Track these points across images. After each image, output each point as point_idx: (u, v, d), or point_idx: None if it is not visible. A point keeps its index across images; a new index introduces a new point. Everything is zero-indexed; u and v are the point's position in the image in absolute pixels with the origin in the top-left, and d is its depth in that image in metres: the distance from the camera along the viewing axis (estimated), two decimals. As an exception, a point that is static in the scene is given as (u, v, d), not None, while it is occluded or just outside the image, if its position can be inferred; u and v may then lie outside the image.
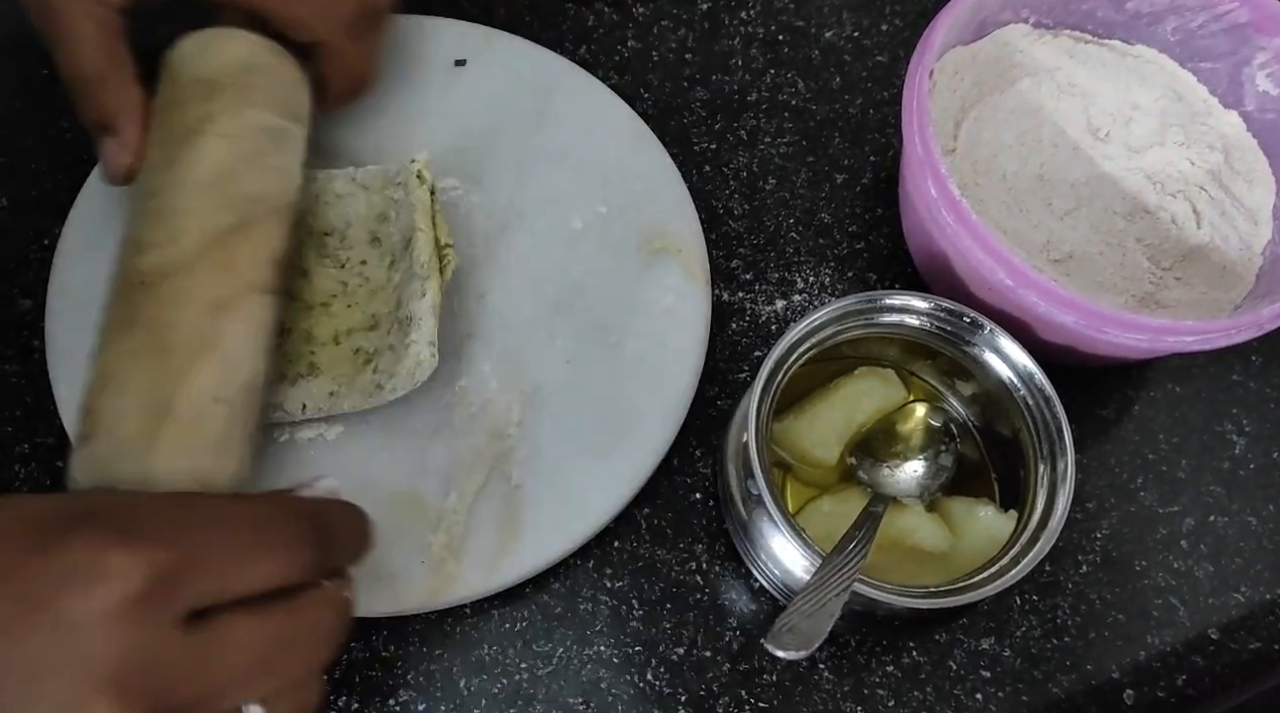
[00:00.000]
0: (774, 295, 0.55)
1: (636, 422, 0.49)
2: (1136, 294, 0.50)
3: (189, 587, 0.30)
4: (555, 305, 0.52)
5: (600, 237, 0.53)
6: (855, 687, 0.47)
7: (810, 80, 0.60)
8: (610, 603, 0.48)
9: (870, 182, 0.58)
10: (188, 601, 0.30)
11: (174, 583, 0.29)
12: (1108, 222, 0.52)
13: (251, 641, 0.31)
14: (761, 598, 0.49)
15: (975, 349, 0.46)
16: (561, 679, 0.47)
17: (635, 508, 0.50)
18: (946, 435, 0.48)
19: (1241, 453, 0.53)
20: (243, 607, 0.31)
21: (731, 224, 0.56)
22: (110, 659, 0.28)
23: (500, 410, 0.49)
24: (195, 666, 0.30)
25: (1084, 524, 0.51)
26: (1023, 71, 0.54)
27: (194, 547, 0.30)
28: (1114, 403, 0.54)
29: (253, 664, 0.31)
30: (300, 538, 0.33)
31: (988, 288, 0.46)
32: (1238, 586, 0.51)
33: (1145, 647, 0.49)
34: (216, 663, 0.30)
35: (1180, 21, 0.54)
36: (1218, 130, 0.54)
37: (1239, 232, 0.52)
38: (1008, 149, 0.53)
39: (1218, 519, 0.52)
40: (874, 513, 0.44)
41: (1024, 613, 0.49)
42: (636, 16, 0.61)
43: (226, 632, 0.30)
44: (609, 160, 0.55)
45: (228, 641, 0.30)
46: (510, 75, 0.56)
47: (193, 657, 0.30)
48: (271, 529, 0.33)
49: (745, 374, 0.53)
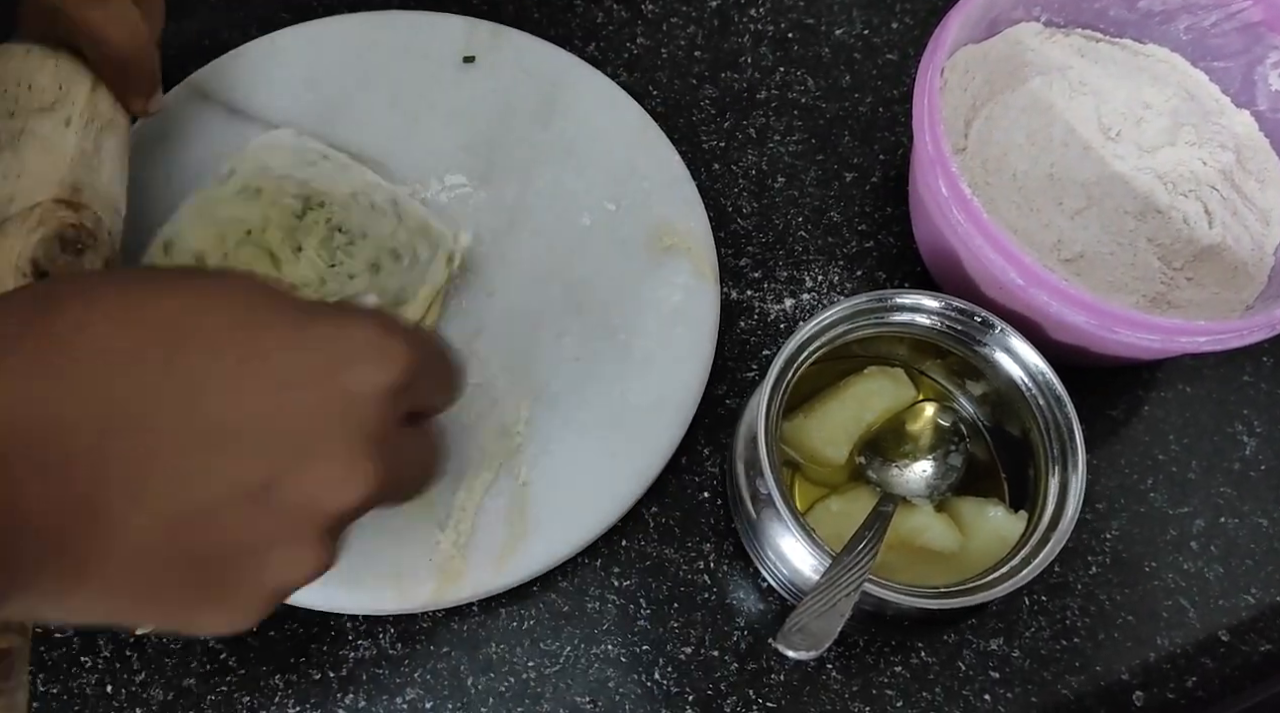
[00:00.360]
0: (783, 294, 0.55)
1: (645, 420, 0.49)
2: (1148, 294, 0.50)
3: (419, 392, 0.34)
4: (563, 303, 0.51)
5: (609, 234, 0.53)
6: (864, 687, 0.47)
7: (820, 78, 0.60)
8: (618, 602, 0.48)
9: (880, 180, 0.58)
10: (413, 401, 0.34)
11: (412, 381, 0.33)
12: (1119, 221, 0.51)
13: (424, 450, 0.36)
14: (769, 597, 0.48)
15: (986, 349, 0.46)
16: (569, 678, 0.47)
17: (643, 507, 0.49)
18: (956, 435, 0.48)
19: (1252, 454, 0.53)
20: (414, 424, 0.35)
21: (740, 222, 0.56)
22: (377, 428, 0.31)
23: (508, 408, 0.49)
24: (408, 454, 0.34)
25: (1094, 525, 0.51)
26: (1034, 70, 0.54)
27: (427, 360, 0.34)
28: (1124, 403, 0.54)
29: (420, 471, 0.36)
30: (461, 378, 0.38)
31: (998, 287, 0.46)
32: (1248, 587, 0.50)
33: (1155, 648, 0.49)
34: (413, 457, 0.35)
35: (1192, 20, 0.53)
36: (1230, 130, 0.54)
37: (1251, 232, 0.52)
38: (1019, 148, 0.52)
39: (1228, 520, 0.52)
40: (884, 513, 0.44)
41: (1033, 614, 0.49)
42: (646, 13, 0.61)
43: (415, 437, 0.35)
44: (617, 158, 0.54)
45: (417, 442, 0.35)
46: (519, 72, 0.56)
47: (406, 446, 0.34)
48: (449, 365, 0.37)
49: (754, 373, 0.53)
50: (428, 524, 0.47)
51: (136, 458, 0.28)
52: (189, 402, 0.29)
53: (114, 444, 0.28)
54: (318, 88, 0.55)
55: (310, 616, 0.47)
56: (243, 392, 0.30)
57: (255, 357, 0.31)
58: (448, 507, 0.47)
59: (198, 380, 0.30)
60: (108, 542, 0.28)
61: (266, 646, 0.46)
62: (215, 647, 0.46)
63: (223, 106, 0.54)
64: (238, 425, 0.30)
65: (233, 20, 0.59)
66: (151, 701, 0.45)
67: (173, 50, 0.57)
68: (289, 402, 0.30)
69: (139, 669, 0.46)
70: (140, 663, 0.46)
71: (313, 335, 0.31)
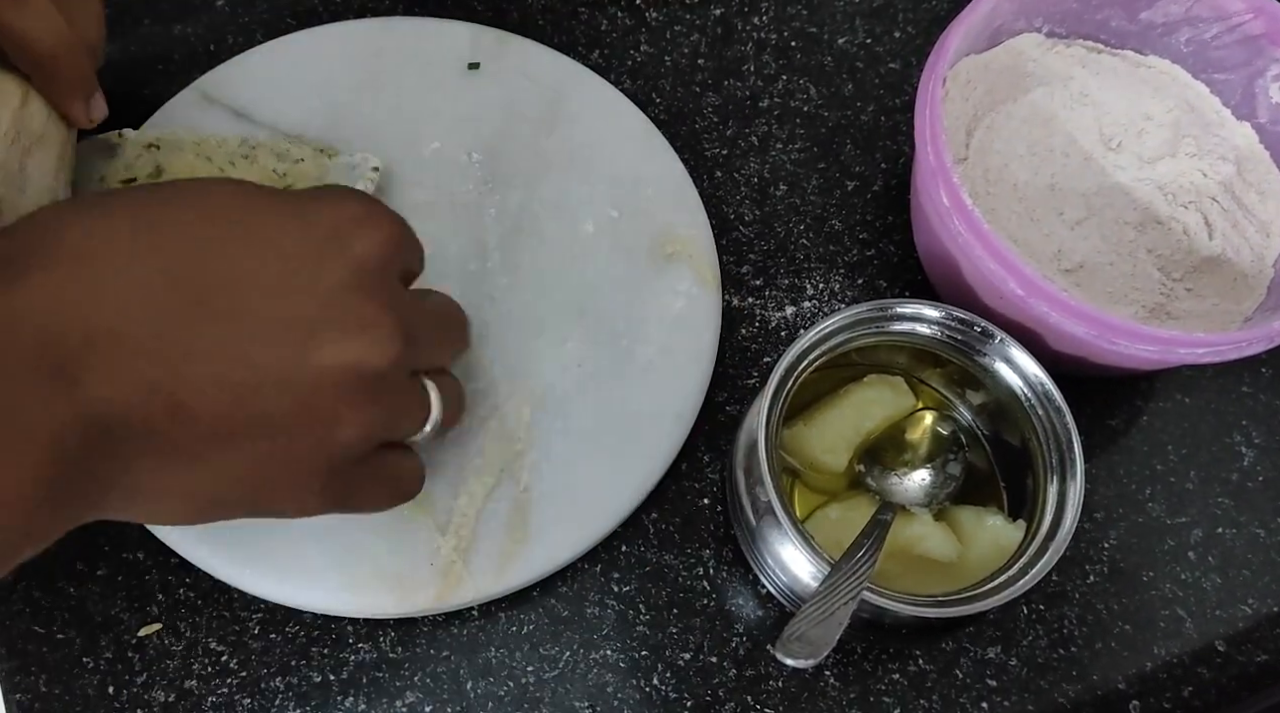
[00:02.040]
0: (784, 301, 0.55)
1: (646, 426, 0.49)
2: (1147, 305, 0.50)
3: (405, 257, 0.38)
4: (566, 309, 0.52)
5: (611, 241, 0.53)
6: (861, 694, 0.47)
7: (822, 87, 0.61)
8: (617, 607, 0.48)
9: (881, 189, 0.58)
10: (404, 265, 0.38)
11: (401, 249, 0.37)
12: (1119, 232, 0.52)
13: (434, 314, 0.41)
14: (768, 604, 0.49)
15: (986, 358, 0.46)
16: (568, 683, 0.47)
17: (643, 513, 0.50)
18: (955, 444, 0.49)
19: (1250, 465, 0.53)
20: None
21: (742, 230, 0.56)
22: (387, 288, 0.35)
23: (510, 414, 0.49)
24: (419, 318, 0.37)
25: (1092, 534, 0.51)
26: (1035, 81, 0.54)
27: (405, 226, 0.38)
28: (1123, 413, 0.54)
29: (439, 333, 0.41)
30: (464, 327, 0.44)
31: (998, 297, 0.46)
32: (1245, 598, 0.50)
33: (1151, 658, 0.49)
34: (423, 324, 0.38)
35: (1194, 33, 0.54)
36: (1230, 142, 0.54)
37: (1251, 243, 0.52)
38: (1019, 158, 0.53)
39: (1226, 531, 0.52)
40: (882, 521, 0.44)
41: (1031, 622, 0.49)
42: (649, 21, 0.61)
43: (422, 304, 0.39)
44: (621, 165, 0.55)
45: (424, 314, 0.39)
46: (523, 79, 0.56)
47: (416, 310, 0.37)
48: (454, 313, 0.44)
49: (754, 380, 0.53)
50: (429, 529, 0.47)
51: (190, 347, 0.31)
52: (219, 292, 0.32)
53: (167, 336, 0.31)
54: (323, 93, 0.55)
55: (311, 619, 0.47)
56: (266, 276, 0.33)
57: (267, 244, 0.34)
58: (449, 511, 0.47)
59: (222, 272, 0.33)
60: (190, 423, 0.31)
61: (267, 648, 0.47)
62: (216, 649, 0.47)
63: (228, 111, 0.54)
64: (269, 308, 0.33)
65: (238, 25, 0.59)
66: (153, 702, 0.46)
67: (178, 55, 0.58)
68: (308, 277, 0.33)
69: (140, 671, 0.46)
70: (141, 664, 0.46)
71: (312, 215, 0.35)
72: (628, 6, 0.61)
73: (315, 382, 0.33)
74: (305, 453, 0.34)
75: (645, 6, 0.62)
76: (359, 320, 0.34)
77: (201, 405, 0.31)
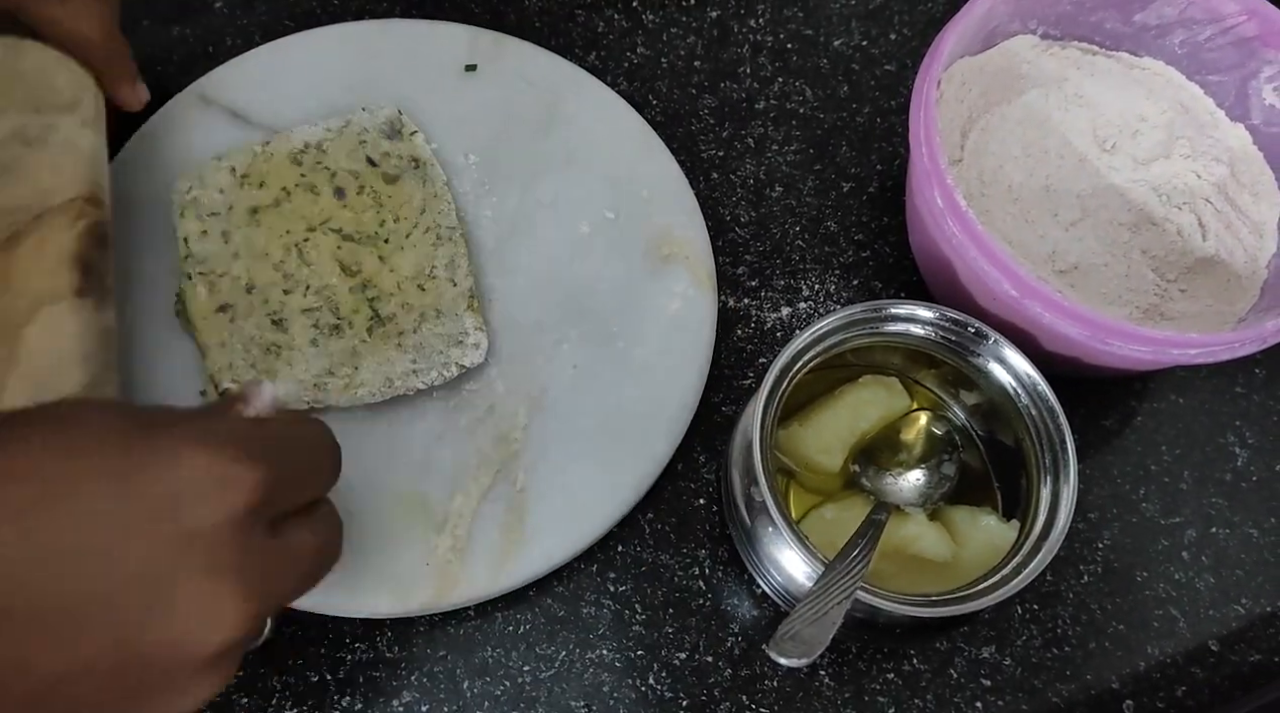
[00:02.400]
0: (779, 302, 0.55)
1: (641, 427, 0.49)
2: (1141, 306, 0.50)
3: (281, 499, 0.33)
4: (563, 310, 0.52)
5: (608, 242, 0.53)
6: (856, 694, 0.48)
7: (818, 89, 0.61)
8: (613, 607, 0.48)
9: (876, 190, 0.58)
10: (278, 509, 0.33)
11: (273, 495, 0.32)
12: (1113, 233, 0.52)
13: (310, 545, 0.34)
14: (763, 604, 0.49)
15: (980, 359, 0.46)
16: (563, 682, 0.47)
17: (639, 513, 0.50)
18: (949, 444, 0.49)
19: (1244, 465, 0.53)
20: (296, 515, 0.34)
21: (738, 231, 0.57)
22: (234, 560, 0.31)
23: (507, 414, 0.49)
24: (283, 565, 0.33)
25: (1086, 534, 0.51)
26: (1030, 83, 0.54)
27: (286, 465, 0.33)
28: (1117, 414, 0.54)
29: (310, 566, 0.35)
30: (337, 459, 0.37)
31: (992, 298, 0.46)
32: (1238, 598, 0.51)
33: (1145, 658, 0.49)
34: (291, 565, 0.34)
35: (1188, 34, 0.54)
36: (1224, 143, 0.54)
37: (1244, 244, 0.52)
38: (1014, 160, 0.53)
39: (1219, 531, 0.52)
40: (877, 521, 0.44)
41: (1025, 622, 0.49)
42: (646, 23, 0.62)
43: (294, 536, 0.34)
44: (617, 166, 0.55)
45: (294, 544, 0.34)
46: (520, 81, 0.57)
47: (279, 557, 0.33)
48: (323, 451, 0.36)
49: (750, 380, 0.53)
50: (425, 529, 0.47)
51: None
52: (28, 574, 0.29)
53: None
54: (321, 95, 0.55)
55: (309, 619, 0.47)
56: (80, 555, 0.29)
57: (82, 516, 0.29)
58: (445, 512, 0.47)
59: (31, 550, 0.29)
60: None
61: (265, 648, 0.47)
62: (214, 648, 0.47)
63: (226, 113, 0.55)
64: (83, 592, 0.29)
65: (237, 27, 0.60)
66: (150, 701, 0.46)
67: (177, 57, 0.58)
68: (127, 554, 0.30)
69: (138, 670, 0.46)
70: (139, 664, 0.46)
71: (137, 482, 0.30)
72: (624, 9, 0.62)
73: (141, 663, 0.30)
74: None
75: (642, 9, 0.62)
76: (186, 605, 0.30)
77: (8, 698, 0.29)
